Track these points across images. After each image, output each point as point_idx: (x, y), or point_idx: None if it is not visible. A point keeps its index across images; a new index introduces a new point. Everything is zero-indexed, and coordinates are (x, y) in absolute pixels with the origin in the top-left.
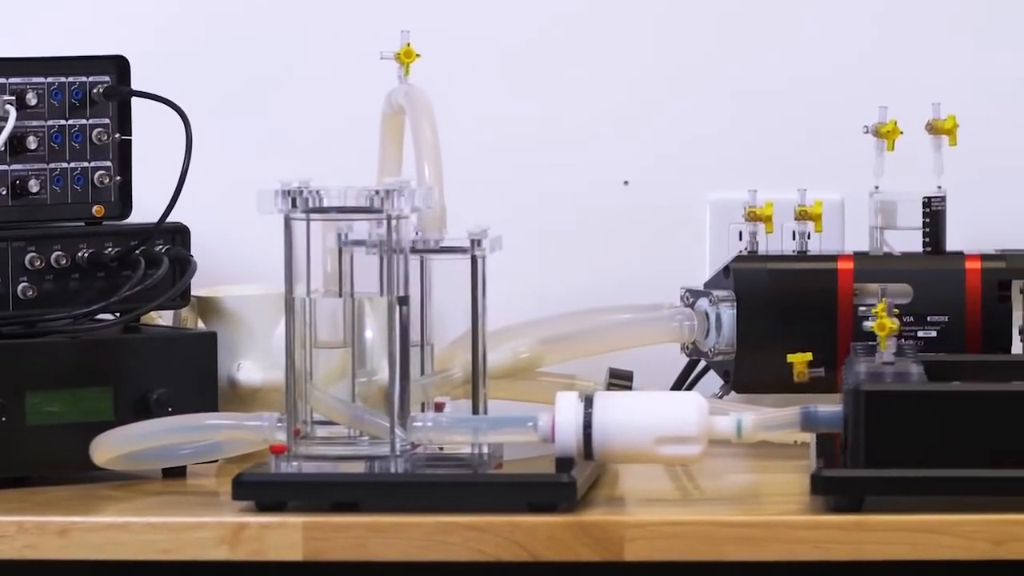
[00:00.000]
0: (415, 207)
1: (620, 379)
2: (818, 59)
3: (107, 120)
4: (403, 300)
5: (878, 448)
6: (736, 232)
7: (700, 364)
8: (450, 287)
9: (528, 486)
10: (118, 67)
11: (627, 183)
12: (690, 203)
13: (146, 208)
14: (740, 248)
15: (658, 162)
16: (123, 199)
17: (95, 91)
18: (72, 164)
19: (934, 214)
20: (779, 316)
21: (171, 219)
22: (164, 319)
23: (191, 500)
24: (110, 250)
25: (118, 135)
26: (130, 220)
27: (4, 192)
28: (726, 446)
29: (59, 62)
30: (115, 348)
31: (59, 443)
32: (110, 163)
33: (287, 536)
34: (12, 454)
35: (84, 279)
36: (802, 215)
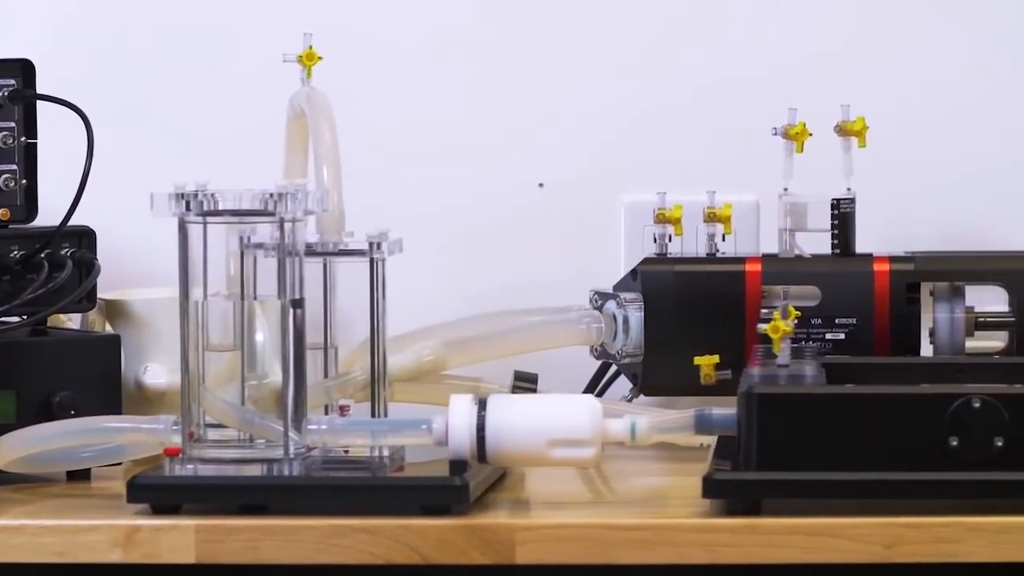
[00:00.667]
0: (309, 210)
1: (525, 381)
2: (735, 61)
3: (12, 124)
4: (297, 303)
5: (771, 451)
6: (651, 234)
7: (613, 367)
8: (357, 290)
9: (420, 489)
10: (23, 70)
11: (542, 185)
12: (606, 205)
13: (56, 212)
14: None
15: (574, 164)
16: (28, 203)
17: (0, 95)
18: None
19: (843, 216)
20: (687, 319)
21: (78, 222)
22: (73, 322)
23: (90, 503)
24: (15, 253)
25: (23, 139)
26: (37, 223)
27: None
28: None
29: None
30: (18, 351)
31: None
32: (15, 167)
33: (180, 539)
34: None
35: None
36: (711, 217)
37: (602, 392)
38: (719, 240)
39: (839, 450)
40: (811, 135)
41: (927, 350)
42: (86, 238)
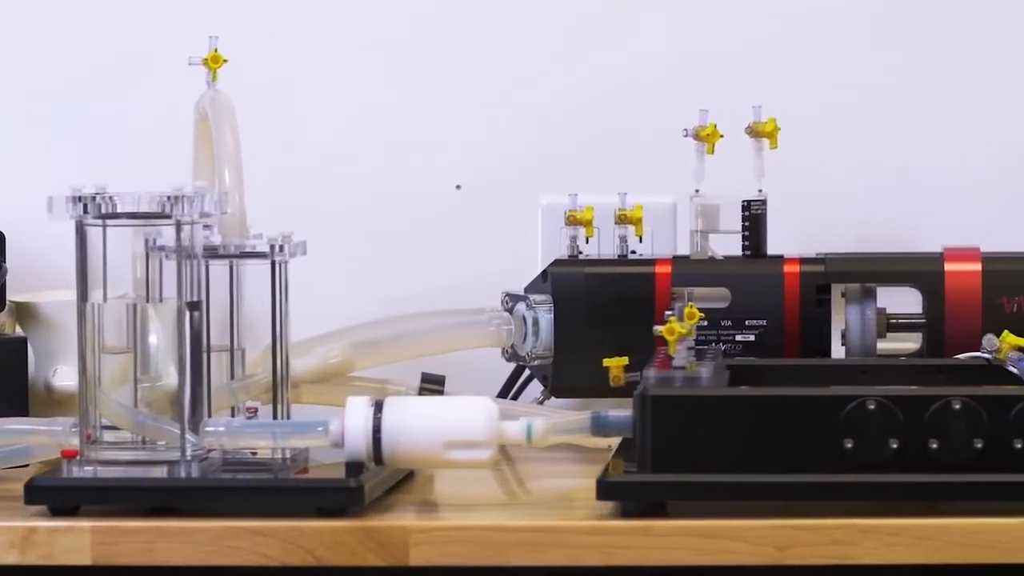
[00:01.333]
0: (206, 212)
1: (432, 383)
2: (650, 63)
3: None
4: (194, 305)
5: (666, 453)
6: (568, 236)
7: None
8: (265, 292)
9: (315, 490)
10: None
11: (459, 187)
12: (524, 207)
13: None
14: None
15: (491, 165)
16: None
17: None
18: None
19: (754, 218)
20: (597, 320)
21: None
22: None
23: None
24: None
25: None
26: None
27: None
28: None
29: None
30: None
31: None
32: None
33: (76, 540)
34: None
35: None
36: (622, 219)
37: (517, 395)
38: (632, 242)
39: (735, 452)
40: (722, 136)
41: (839, 352)
42: None
